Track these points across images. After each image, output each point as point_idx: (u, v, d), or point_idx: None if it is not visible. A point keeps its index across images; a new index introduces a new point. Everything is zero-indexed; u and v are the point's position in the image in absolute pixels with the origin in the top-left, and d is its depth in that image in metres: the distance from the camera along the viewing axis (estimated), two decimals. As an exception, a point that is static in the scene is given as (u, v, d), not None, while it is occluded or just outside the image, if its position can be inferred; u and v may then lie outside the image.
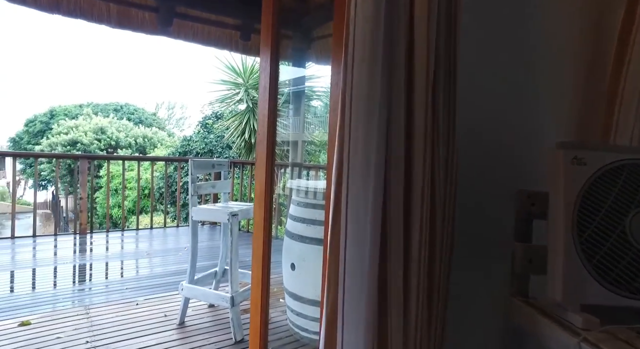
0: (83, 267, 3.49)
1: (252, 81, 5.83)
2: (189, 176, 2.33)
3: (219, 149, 11.49)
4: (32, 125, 23.72)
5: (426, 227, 0.94)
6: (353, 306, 0.90)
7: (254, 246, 1.69)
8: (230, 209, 2.33)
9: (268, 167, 1.64)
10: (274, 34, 1.70)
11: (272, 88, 1.65)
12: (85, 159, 4.48)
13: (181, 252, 3.99)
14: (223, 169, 2.61)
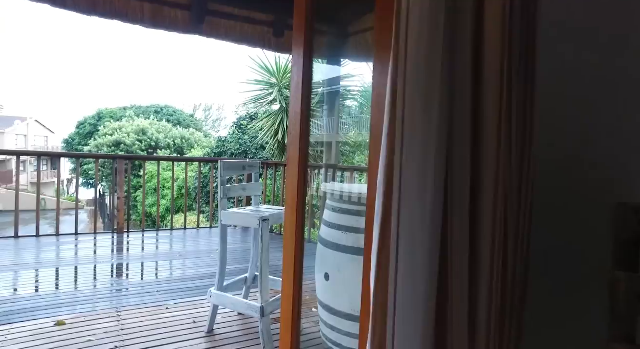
0: (120, 266, 3.51)
1: (285, 81, 5.74)
2: (219, 178, 2.22)
3: (253, 150, 11.56)
4: (82, 127, 25.21)
5: (499, 249, 0.74)
6: (407, 346, 0.72)
7: (285, 257, 1.54)
8: (261, 214, 2.20)
9: (301, 169, 1.48)
10: (307, 24, 1.54)
11: (305, 84, 1.49)
12: (122, 160, 4.56)
13: (213, 254, 3.94)
14: (254, 170, 2.49)
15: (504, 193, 0.74)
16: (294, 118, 1.50)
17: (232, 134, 12.09)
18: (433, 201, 0.72)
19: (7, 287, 2.99)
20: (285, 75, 5.78)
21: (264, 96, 5.95)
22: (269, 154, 11.29)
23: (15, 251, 3.80)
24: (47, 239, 4.17)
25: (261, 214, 2.16)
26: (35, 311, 2.50)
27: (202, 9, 3.03)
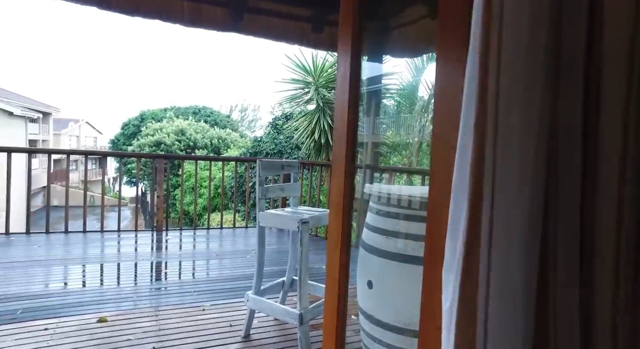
0: (159, 265, 3.54)
1: (322, 80, 5.64)
2: (257, 178, 2.14)
3: (288, 150, 11.59)
4: (127, 128, 26.51)
5: (623, 268, 0.58)
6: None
7: (329, 264, 1.41)
8: (300, 215, 2.09)
9: (348, 169, 1.35)
10: (354, 10, 1.41)
11: (353, 77, 1.36)
12: (161, 159, 4.64)
13: (249, 255, 3.90)
14: (293, 170, 2.39)
15: (633, 202, 0.57)
16: (340, 115, 1.38)
17: (267, 134, 12.20)
18: (532, 208, 0.57)
19: (58, 280, 3.09)
20: (322, 73, 5.68)
21: (300, 95, 5.88)
22: (304, 153, 11.25)
23: (65, 246, 3.94)
24: (93, 235, 4.31)
25: (301, 216, 2.06)
26: (81, 306, 2.54)
27: (241, 5, 2.98)
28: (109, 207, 18.75)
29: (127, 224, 20.30)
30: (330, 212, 1.41)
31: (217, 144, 19.56)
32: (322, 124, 5.54)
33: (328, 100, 5.69)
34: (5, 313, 2.37)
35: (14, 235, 4.10)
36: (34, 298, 2.62)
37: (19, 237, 4.08)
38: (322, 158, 5.85)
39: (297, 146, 11.42)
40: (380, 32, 3.18)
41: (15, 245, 3.84)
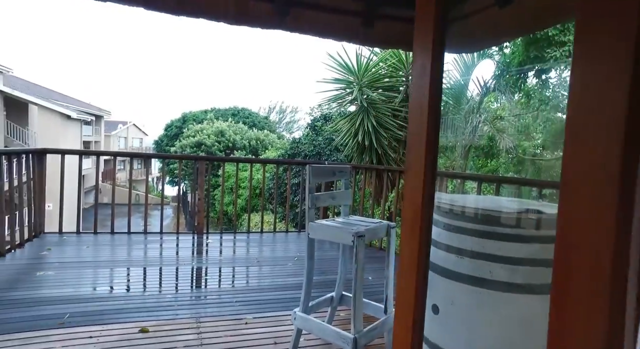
0: (199, 270, 3.45)
1: (366, 79, 5.39)
2: (307, 184, 1.95)
3: (327, 152, 11.40)
4: (170, 129, 27.57)
5: None
6: None
7: (399, 293, 1.18)
8: (354, 227, 1.87)
9: (427, 181, 1.11)
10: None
11: (435, 67, 1.12)
12: (203, 161, 4.59)
13: (290, 262, 3.73)
14: (344, 176, 2.18)
15: None
16: (418, 113, 1.14)
17: (306, 135, 12.08)
18: None
19: (104, 283, 3.08)
20: (366, 73, 5.43)
21: (342, 96, 5.67)
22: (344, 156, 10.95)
23: (111, 247, 3.98)
24: (136, 237, 4.33)
25: (355, 229, 1.84)
26: (124, 313, 2.48)
27: (286, 0, 2.82)
28: (152, 206, 19.50)
29: (168, 223, 21.05)
30: (403, 229, 1.18)
31: (255, 145, 19.79)
32: (366, 125, 5.29)
33: (372, 100, 5.43)
34: (56, 317, 2.35)
35: (66, 234, 4.20)
36: (82, 301, 2.60)
37: (70, 236, 4.17)
38: (366, 161, 5.59)
39: (336, 148, 11.21)
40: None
41: (68, 244, 3.91)
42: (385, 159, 5.59)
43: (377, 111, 5.37)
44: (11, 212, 3.56)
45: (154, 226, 5.56)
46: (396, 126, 5.41)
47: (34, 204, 4.02)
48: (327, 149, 11.18)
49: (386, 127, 5.39)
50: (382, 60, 5.57)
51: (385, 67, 5.72)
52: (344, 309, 2.53)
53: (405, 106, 5.57)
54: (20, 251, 3.61)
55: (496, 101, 6.01)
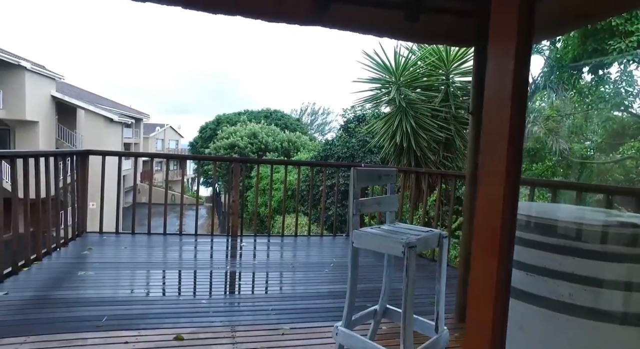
0: (233, 275, 3.38)
1: (404, 78, 5.17)
2: (351, 189, 1.79)
3: (361, 154, 11.20)
4: (204, 131, 28.31)
5: None
6: None
7: (471, 324, 1.00)
8: (404, 237, 1.70)
9: (510, 188, 0.93)
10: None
11: (520, 52, 0.94)
12: (237, 163, 4.55)
13: (327, 269, 3.59)
14: (391, 180, 2.00)
15: None
16: (496, 112, 0.96)
17: (339, 137, 11.93)
18: None
19: (140, 286, 3.08)
20: (404, 72, 5.21)
21: (378, 96, 5.47)
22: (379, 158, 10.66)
23: (148, 249, 4.00)
24: (172, 238, 4.35)
25: (405, 238, 1.66)
26: (159, 318, 2.43)
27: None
28: (187, 206, 19.94)
29: (202, 223, 21.54)
30: (476, 245, 1.00)
31: (287, 147, 19.88)
32: (404, 126, 5.06)
33: (411, 100, 5.19)
34: (94, 319, 2.34)
35: (106, 234, 4.28)
36: (119, 304, 2.58)
37: (109, 236, 4.24)
38: (404, 164, 5.36)
39: (370, 150, 10.98)
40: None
41: (107, 244, 3.97)
42: (423, 162, 5.34)
43: (416, 111, 5.13)
44: (57, 212, 3.65)
45: (188, 225, 5.61)
46: (436, 127, 5.14)
47: (78, 204, 4.12)
48: (361, 151, 10.97)
49: (425, 128, 5.14)
50: (422, 58, 5.32)
51: (424, 65, 5.46)
52: (386, 321, 2.36)
53: (446, 105, 5.30)
54: (65, 249, 3.70)
55: (542, 99, 5.60)
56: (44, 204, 3.45)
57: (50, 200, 3.58)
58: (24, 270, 3.07)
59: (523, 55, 0.92)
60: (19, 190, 3.07)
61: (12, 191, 3.06)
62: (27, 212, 3.13)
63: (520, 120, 0.94)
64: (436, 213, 4.36)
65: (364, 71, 5.45)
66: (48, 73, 18.51)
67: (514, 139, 0.93)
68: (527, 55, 0.93)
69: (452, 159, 5.50)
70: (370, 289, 2.96)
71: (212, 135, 24.65)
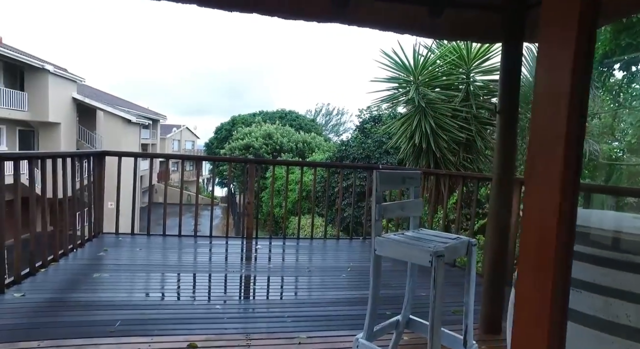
0: (248, 279, 3.30)
1: (423, 77, 5.02)
2: (374, 193, 1.68)
3: (377, 155, 11.04)
4: (220, 132, 28.55)
5: None
6: None
7: (518, 343, 0.88)
8: (431, 244, 1.58)
9: (567, 195, 0.80)
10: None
11: (581, 42, 0.81)
12: (253, 164, 4.48)
13: (344, 273, 3.48)
14: (415, 183, 1.88)
15: None
16: (550, 111, 0.84)
17: (354, 138, 11.80)
18: None
19: (155, 289, 3.03)
20: (423, 70, 5.06)
21: (396, 96, 5.33)
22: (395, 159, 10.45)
23: (162, 250, 3.97)
24: (186, 240, 4.31)
25: (433, 247, 1.54)
26: (172, 323, 2.37)
27: (347, -11, 2.58)
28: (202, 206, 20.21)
29: (217, 223, 21.67)
30: (522, 259, 0.87)
31: (302, 148, 19.83)
32: (423, 126, 4.91)
33: (430, 100, 5.03)
34: (107, 323, 2.29)
35: (122, 235, 4.28)
36: (133, 308, 2.53)
37: (125, 237, 4.24)
38: (422, 165, 5.20)
39: (386, 151, 10.80)
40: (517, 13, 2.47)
41: (123, 246, 3.96)
42: (443, 163, 5.17)
43: (436, 111, 4.97)
44: (74, 213, 3.65)
45: (203, 225, 5.59)
46: (456, 127, 4.97)
47: (94, 205, 4.13)
48: (377, 152, 10.81)
49: (445, 128, 4.97)
50: (441, 56, 5.16)
51: (443, 64, 5.29)
52: (409, 332, 2.23)
53: (467, 105, 5.12)
54: (81, 250, 3.70)
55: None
56: (61, 204, 3.45)
57: (67, 201, 3.58)
58: (41, 271, 3.07)
59: (585, 44, 0.80)
60: (37, 190, 3.07)
61: (30, 192, 3.06)
62: (45, 213, 3.13)
63: (580, 119, 0.81)
64: (457, 216, 4.20)
65: (381, 71, 5.33)
66: (70, 76, 18.97)
67: (572, 140, 0.81)
68: (591, 43, 0.80)
69: (473, 160, 5.31)
70: (390, 296, 2.84)
71: (228, 136, 24.83)
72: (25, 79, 17.40)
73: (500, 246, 2.49)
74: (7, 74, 17.16)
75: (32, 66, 16.97)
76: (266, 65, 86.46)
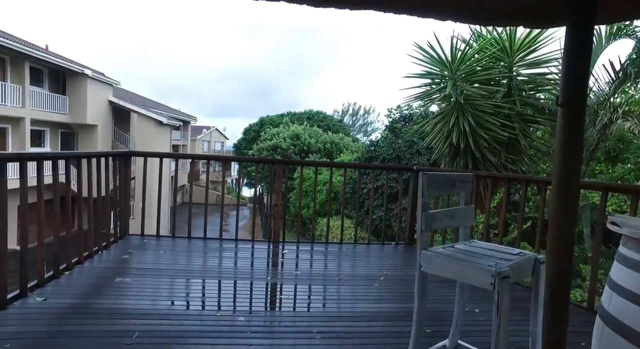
0: (274, 287, 3.11)
1: (461, 72, 4.66)
2: (419, 199, 1.43)
3: (407, 155, 10.65)
4: (248, 133, 28.84)
5: None
6: None
7: None
8: (491, 262, 1.30)
9: None
10: None
11: None
12: (280, 165, 4.30)
13: (376, 283, 3.22)
14: (466, 188, 1.61)
15: None
16: None
17: (384, 138, 11.44)
18: None
19: (177, 297, 2.89)
20: (460, 65, 4.70)
21: (429, 93, 4.99)
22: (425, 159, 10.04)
23: (187, 254, 3.85)
24: (212, 243, 4.18)
25: (494, 265, 1.26)
26: (195, 337, 2.19)
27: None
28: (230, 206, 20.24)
29: (245, 224, 21.84)
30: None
31: (330, 148, 19.62)
32: (461, 124, 4.56)
33: (469, 97, 4.67)
34: (125, 334, 2.14)
35: (147, 237, 4.21)
36: (153, 317, 2.38)
37: (150, 239, 4.16)
38: (460, 166, 4.85)
39: (418, 152, 10.40)
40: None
41: (147, 249, 3.88)
42: (482, 164, 4.79)
43: (475, 107, 4.60)
44: (97, 214, 3.58)
45: (230, 225, 5.46)
46: (498, 125, 4.57)
47: (120, 207, 4.07)
48: (408, 153, 10.41)
49: (485, 126, 4.59)
50: (481, 49, 4.78)
51: (482, 58, 4.89)
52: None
53: (509, 101, 4.72)
54: (106, 252, 3.64)
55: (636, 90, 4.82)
56: (95, 204, 3.40)
57: (92, 202, 3.52)
58: (65, 274, 3.00)
59: None
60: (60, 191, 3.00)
61: (54, 193, 3.00)
62: (71, 214, 3.06)
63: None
64: (500, 221, 3.82)
65: (413, 67, 5.01)
66: (106, 79, 19.69)
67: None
68: None
69: (515, 161, 4.89)
70: (429, 310, 2.56)
71: (256, 137, 25.00)
72: (67, 84, 18.22)
73: (564, 261, 2.15)
74: (52, 79, 18.03)
75: (73, 71, 17.71)
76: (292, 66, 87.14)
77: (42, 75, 17.47)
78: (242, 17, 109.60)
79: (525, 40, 4.53)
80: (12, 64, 15.56)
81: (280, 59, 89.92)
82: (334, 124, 25.48)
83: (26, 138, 15.85)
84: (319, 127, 22.58)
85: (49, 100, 16.86)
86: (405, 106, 12.18)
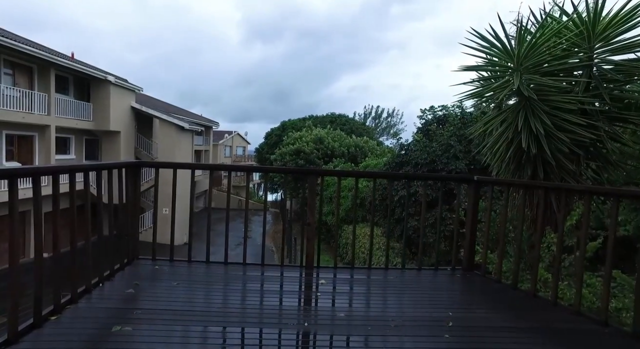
0: (306, 338, 2.41)
1: (529, 62, 3.84)
2: None
3: (444, 160, 9.78)
4: (270, 138, 28.43)
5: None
6: None
7: None
8: None
9: None
10: None
11: None
12: (314, 176, 3.61)
13: (445, 330, 2.46)
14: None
15: None
16: None
17: (416, 141, 10.61)
18: None
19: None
20: (531, 52, 3.87)
21: (493, 88, 4.18)
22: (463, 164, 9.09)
23: (205, 286, 3.20)
24: (234, 270, 3.53)
25: None
26: None
27: None
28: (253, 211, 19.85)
29: (268, 229, 21.29)
30: None
31: (355, 152, 18.86)
32: (533, 126, 3.74)
33: (541, 90, 3.85)
34: None
35: (159, 261, 3.62)
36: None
37: (162, 265, 3.57)
38: (528, 175, 4.02)
39: (455, 156, 9.52)
40: None
41: (157, 279, 3.28)
42: (557, 173, 3.95)
43: (549, 104, 3.78)
44: (100, 236, 2.98)
45: (254, 232, 4.82)
46: (583, 125, 3.71)
47: (128, 227, 3.49)
48: (444, 157, 9.54)
49: (562, 127, 3.75)
50: (554, 34, 3.93)
51: (554, 44, 4.00)
52: None
53: (590, 96, 3.86)
54: (109, 284, 3.04)
55: None
56: (87, 230, 2.80)
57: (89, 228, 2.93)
58: (51, 319, 2.38)
59: None
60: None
61: (52, 215, 2.40)
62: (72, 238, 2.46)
63: None
64: (581, 242, 2.98)
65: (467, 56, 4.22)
66: (129, 85, 19.66)
67: None
68: None
69: (599, 169, 4.02)
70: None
71: (278, 141, 24.52)
72: (91, 90, 18.26)
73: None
74: (77, 86, 18.11)
75: (96, 78, 17.73)
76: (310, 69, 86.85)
77: (68, 82, 17.56)
78: (261, 23, 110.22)
79: (615, 19, 3.67)
80: (39, 73, 15.65)
81: (299, 63, 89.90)
82: (357, 127, 24.71)
83: (51, 145, 15.87)
84: (342, 131, 21.85)
85: (73, 107, 16.89)
86: (439, 107, 11.31)
